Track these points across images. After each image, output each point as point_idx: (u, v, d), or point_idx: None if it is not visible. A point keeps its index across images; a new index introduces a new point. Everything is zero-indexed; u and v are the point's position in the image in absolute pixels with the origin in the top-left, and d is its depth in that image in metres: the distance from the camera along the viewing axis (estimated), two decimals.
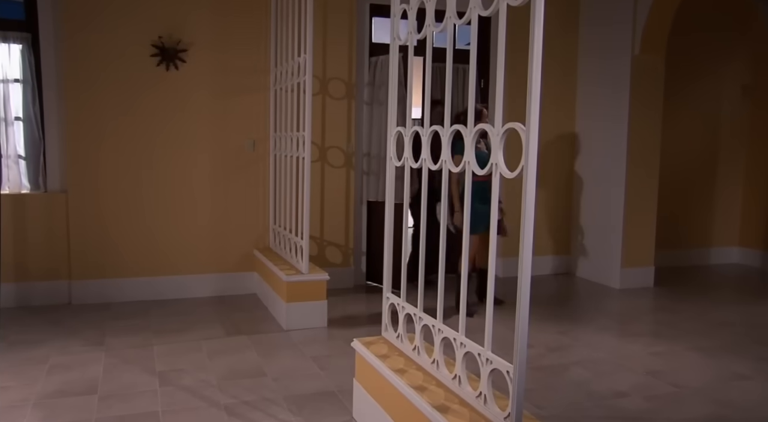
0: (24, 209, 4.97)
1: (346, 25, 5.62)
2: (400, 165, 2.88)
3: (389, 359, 2.81)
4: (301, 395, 3.37)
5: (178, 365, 3.78)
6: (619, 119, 5.94)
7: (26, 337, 4.23)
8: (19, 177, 5.05)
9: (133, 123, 5.12)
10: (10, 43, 4.94)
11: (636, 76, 5.81)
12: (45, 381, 3.51)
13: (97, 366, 3.73)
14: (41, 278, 5.03)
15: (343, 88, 5.65)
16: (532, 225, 2.02)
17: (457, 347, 2.40)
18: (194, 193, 5.34)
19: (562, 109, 6.44)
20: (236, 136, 5.41)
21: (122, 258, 5.19)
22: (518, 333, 2.00)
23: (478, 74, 5.28)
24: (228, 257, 5.49)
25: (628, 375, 3.77)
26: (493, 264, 2.25)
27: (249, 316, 4.86)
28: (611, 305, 5.53)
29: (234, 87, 5.36)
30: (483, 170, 2.20)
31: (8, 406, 3.16)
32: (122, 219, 5.17)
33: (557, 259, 6.61)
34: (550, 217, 6.50)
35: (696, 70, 6.84)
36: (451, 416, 2.23)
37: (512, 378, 2.04)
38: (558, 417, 3.12)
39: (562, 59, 6.35)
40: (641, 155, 5.93)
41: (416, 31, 2.72)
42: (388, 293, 3.04)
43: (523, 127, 1.98)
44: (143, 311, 4.95)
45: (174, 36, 5.13)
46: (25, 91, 5.01)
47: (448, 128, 2.45)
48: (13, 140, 5.01)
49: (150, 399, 3.27)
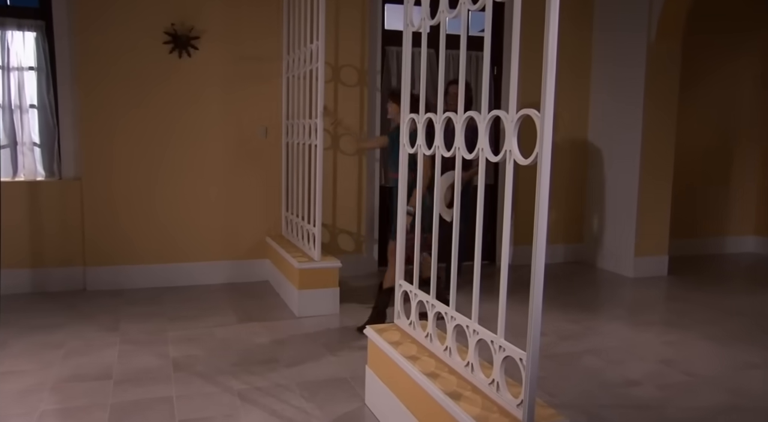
0: (39, 197, 5.01)
1: (359, 11, 5.59)
2: (413, 152, 2.88)
3: (402, 346, 2.82)
4: (314, 381, 3.39)
5: (192, 351, 3.82)
6: (634, 106, 5.88)
7: (42, 322, 4.28)
8: (34, 164, 5.09)
9: (146, 110, 5.14)
10: (25, 31, 4.96)
11: (651, 64, 5.75)
12: (61, 365, 3.55)
13: (112, 351, 3.77)
14: (57, 264, 5.08)
15: (356, 76, 5.64)
16: (546, 213, 2.00)
17: (470, 334, 2.40)
18: (207, 180, 5.36)
19: (575, 95, 6.39)
20: (248, 123, 5.42)
21: (136, 245, 5.23)
22: (531, 320, 2.00)
23: (492, 61, 5.28)
24: (240, 245, 5.52)
25: (640, 364, 3.76)
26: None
27: (261, 303, 4.89)
28: (624, 294, 5.51)
29: (246, 74, 5.36)
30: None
31: (25, 390, 3.21)
32: (136, 206, 5.20)
33: (569, 247, 6.58)
34: (563, 205, 6.46)
35: (713, 58, 6.76)
36: (463, 403, 2.23)
37: (525, 366, 2.04)
38: (570, 405, 3.12)
39: (576, 43, 6.29)
40: (656, 143, 5.88)
41: (429, 17, 2.70)
42: (401, 281, 3.04)
43: (537, 113, 1.97)
44: (157, 297, 4.99)
45: (187, 23, 5.13)
46: (39, 78, 5.03)
47: (461, 114, 2.44)
48: (28, 128, 5.04)
49: (164, 384, 3.31)
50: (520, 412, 2.07)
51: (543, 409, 2.15)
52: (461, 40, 2.45)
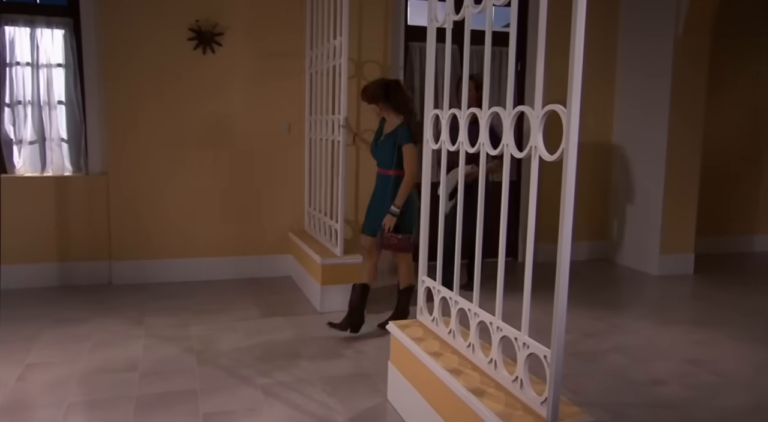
0: (66, 191, 5.08)
1: (382, 7, 5.58)
2: (437, 148, 2.87)
3: (424, 342, 2.82)
4: (336, 376, 3.40)
5: (215, 345, 3.85)
6: (661, 102, 5.79)
7: (70, 315, 4.35)
8: (62, 160, 5.17)
9: (170, 106, 5.19)
10: (53, 29, 5.03)
11: (679, 60, 5.66)
12: (88, 357, 3.60)
13: (137, 344, 3.82)
14: (83, 258, 5.16)
15: (379, 71, 5.63)
16: (572, 209, 1.99)
17: (494, 331, 2.39)
18: (231, 175, 5.40)
19: (600, 89, 6.31)
20: (272, 119, 5.45)
21: (160, 240, 5.29)
22: (556, 317, 1.98)
23: (516, 57, 5.25)
24: (263, 240, 5.55)
25: (666, 363, 3.71)
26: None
27: (284, 298, 4.92)
28: (649, 292, 5.44)
29: (269, 70, 5.38)
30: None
31: (54, 381, 3.26)
32: (161, 201, 5.26)
33: (593, 244, 6.51)
34: (587, 201, 6.40)
35: (741, 52, 6.62)
36: (486, 399, 2.22)
37: (549, 363, 2.02)
38: (594, 403, 3.10)
39: (602, 37, 6.21)
40: (682, 139, 5.78)
41: (454, 12, 2.68)
42: (424, 277, 3.04)
43: (563, 109, 1.95)
44: (181, 291, 5.04)
45: (211, 19, 5.16)
46: (67, 75, 5.11)
47: (486, 110, 2.42)
48: (56, 124, 5.12)
49: (188, 378, 3.34)
50: (545, 410, 2.06)
51: (567, 407, 2.13)
52: (486, 35, 2.43)
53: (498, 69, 6.00)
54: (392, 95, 4.03)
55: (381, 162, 4.12)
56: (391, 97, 4.03)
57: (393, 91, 4.05)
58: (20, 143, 5.08)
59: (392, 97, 4.03)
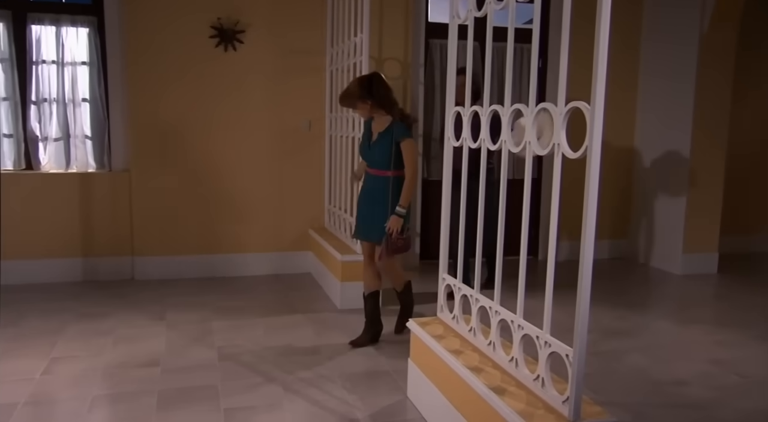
0: (90, 188, 5.15)
1: (402, 4, 5.58)
2: (458, 145, 2.86)
3: (445, 339, 2.81)
4: (356, 373, 3.41)
5: (236, 341, 3.88)
6: (684, 98, 5.72)
7: (93, 310, 4.41)
8: (86, 156, 5.23)
9: (192, 103, 5.23)
10: (78, 27, 5.09)
11: (704, 55, 5.57)
12: (111, 352, 3.65)
13: (159, 340, 3.86)
14: (106, 254, 5.22)
15: (399, 69, 5.63)
16: (596, 207, 1.97)
17: (515, 329, 2.37)
18: (251, 172, 5.43)
19: (623, 85, 6.23)
20: (292, 116, 5.47)
21: (182, 236, 5.34)
22: (579, 315, 1.97)
23: (543, 52, 5.22)
24: (284, 237, 5.58)
25: (689, 363, 3.67)
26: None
27: (304, 295, 4.94)
28: (672, 292, 5.38)
29: (290, 67, 5.40)
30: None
31: (78, 375, 3.31)
32: (182, 197, 5.30)
33: (614, 243, 6.45)
34: (608, 199, 6.34)
35: (766, 49, 6.51)
36: (507, 398, 2.21)
37: (572, 362, 2.01)
38: (615, 403, 3.07)
39: (625, 33, 6.13)
40: (707, 136, 5.70)
41: (476, 9, 2.67)
42: (444, 274, 3.03)
43: (587, 106, 1.93)
44: (202, 287, 5.08)
45: (232, 17, 5.19)
46: (91, 73, 5.17)
47: (508, 107, 2.41)
48: (81, 121, 5.19)
49: (209, 373, 3.37)
50: (566, 409, 2.05)
51: (589, 406, 2.12)
52: (509, 32, 2.42)
53: (519, 66, 5.97)
54: (376, 90, 3.65)
55: (375, 163, 3.76)
56: (375, 92, 3.65)
57: (376, 86, 3.67)
58: (45, 140, 5.15)
59: (376, 93, 3.65)
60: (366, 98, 3.64)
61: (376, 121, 3.77)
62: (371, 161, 3.79)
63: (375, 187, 3.77)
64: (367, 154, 3.82)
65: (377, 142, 3.73)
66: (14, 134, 5.09)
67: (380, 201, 3.72)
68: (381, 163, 3.73)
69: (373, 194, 3.79)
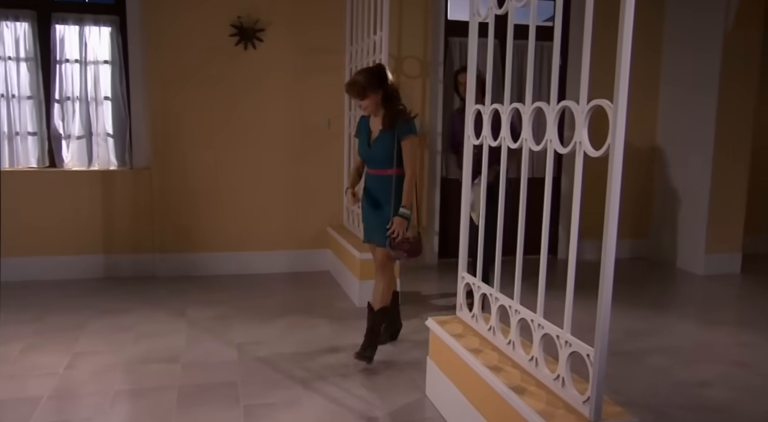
0: (112, 185, 5.21)
1: (422, 2, 5.57)
2: (478, 144, 2.84)
3: (464, 338, 2.80)
4: (375, 371, 3.41)
5: (255, 338, 3.90)
6: (708, 97, 5.63)
7: (115, 306, 4.46)
8: (107, 154, 5.29)
9: (212, 101, 5.26)
10: (101, 26, 5.15)
11: (728, 53, 5.49)
12: (132, 347, 3.69)
13: (180, 336, 3.90)
14: (128, 250, 5.28)
15: (418, 67, 5.62)
16: (618, 207, 1.96)
17: (535, 328, 2.36)
18: (271, 170, 5.46)
19: (644, 81, 6.16)
20: (311, 114, 5.48)
21: (202, 233, 5.38)
22: (600, 314, 1.95)
23: (563, 50, 5.18)
24: (302, 234, 5.60)
25: (711, 365, 3.62)
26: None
27: (323, 292, 4.95)
28: (694, 292, 5.31)
29: (310, 65, 5.41)
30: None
31: (101, 370, 3.35)
32: (203, 195, 5.34)
33: (635, 242, 6.39)
34: (629, 198, 6.27)
35: None
36: (527, 397, 2.20)
37: (593, 362, 1.99)
38: (636, 403, 3.04)
39: (647, 26, 6.05)
40: (730, 133, 5.62)
41: (497, 6, 2.65)
42: (464, 273, 3.02)
43: (610, 104, 1.91)
44: (222, 284, 5.12)
45: (252, 16, 5.22)
46: (113, 72, 5.22)
47: (529, 105, 2.39)
48: (103, 119, 5.25)
49: (229, 370, 3.40)
50: (587, 409, 2.03)
51: (610, 406, 2.10)
52: (530, 30, 2.40)
53: (539, 64, 5.92)
54: (385, 83, 3.45)
55: (376, 162, 3.55)
56: (385, 84, 3.44)
57: (386, 78, 3.46)
58: (68, 138, 5.22)
59: (385, 85, 3.45)
60: (378, 89, 3.42)
61: (377, 117, 3.53)
62: (371, 161, 3.59)
63: (377, 187, 3.58)
64: (367, 153, 3.60)
65: (378, 139, 3.52)
66: (38, 132, 5.16)
67: (384, 202, 3.54)
68: (382, 161, 3.51)
69: (375, 195, 3.59)
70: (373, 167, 3.59)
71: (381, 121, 3.49)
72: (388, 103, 3.47)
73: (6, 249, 5.00)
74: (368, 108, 3.48)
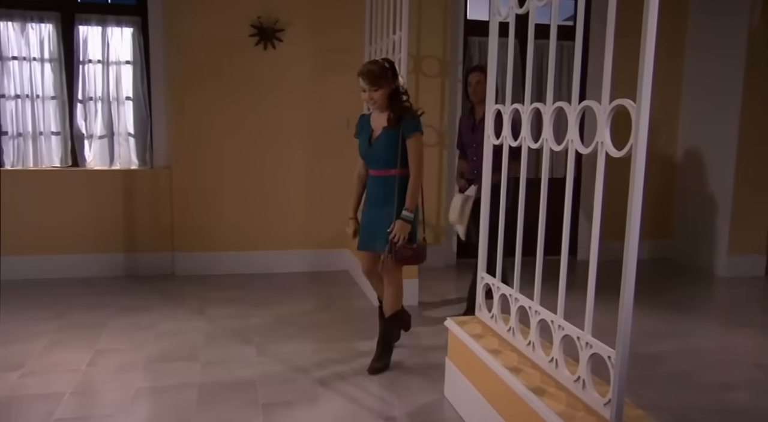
0: (133, 184, 5.26)
1: (441, 1, 5.55)
2: (498, 143, 2.83)
3: (483, 339, 2.79)
4: (393, 371, 3.40)
5: (274, 336, 3.92)
6: (732, 96, 5.56)
7: (135, 304, 4.51)
8: (128, 154, 5.35)
9: (231, 101, 5.30)
10: (123, 27, 5.21)
11: (752, 51, 5.41)
12: (152, 345, 3.73)
13: (199, 334, 3.93)
14: (147, 249, 5.33)
15: (437, 67, 5.60)
16: (640, 207, 1.94)
17: (555, 329, 2.34)
18: (290, 170, 5.48)
19: (666, 81, 6.08)
20: (330, 114, 5.49)
21: (221, 232, 5.41)
22: (622, 316, 1.93)
23: (584, 49, 5.13)
24: (321, 234, 5.61)
25: (734, 368, 3.57)
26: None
27: (341, 292, 4.96)
28: (716, 294, 5.25)
29: (329, 65, 5.42)
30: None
31: (121, 367, 3.39)
32: (222, 195, 5.38)
33: (656, 243, 6.31)
34: (650, 198, 6.21)
35: None
36: (547, 399, 2.19)
37: (614, 364, 1.97)
38: (657, 406, 3.01)
39: (670, 25, 5.97)
40: (754, 133, 5.53)
41: (518, 6, 2.64)
42: (483, 273, 3.01)
43: (632, 103, 1.90)
44: (240, 283, 5.15)
45: (272, 16, 5.24)
46: (134, 72, 5.28)
47: (550, 105, 2.38)
48: (124, 119, 5.30)
49: (248, 368, 3.41)
50: (608, 411, 2.01)
51: (632, 409, 2.08)
52: (551, 29, 2.39)
53: (559, 63, 5.88)
54: (396, 78, 3.32)
55: (379, 162, 3.36)
56: (396, 79, 3.31)
57: (396, 73, 3.33)
58: (91, 138, 5.28)
59: (396, 80, 3.31)
60: (391, 82, 3.27)
61: (381, 113, 3.34)
62: (373, 161, 3.40)
63: (378, 189, 3.39)
64: (368, 152, 3.41)
65: (381, 138, 3.32)
66: (61, 131, 5.23)
67: (387, 203, 3.33)
68: (385, 161, 3.33)
69: (377, 197, 3.39)
70: (375, 167, 3.40)
71: (386, 117, 3.31)
72: (396, 100, 3.31)
73: (29, 247, 5.08)
74: (378, 101, 3.28)
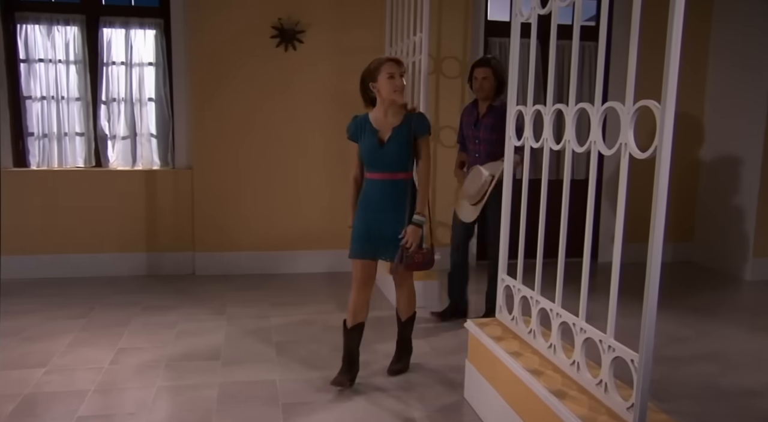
0: (154, 184, 5.32)
1: (462, 2, 5.54)
2: (519, 145, 2.82)
3: (504, 341, 2.78)
4: (412, 373, 3.40)
5: (294, 336, 3.93)
6: (757, 94, 5.47)
7: (157, 304, 4.55)
8: (150, 154, 5.40)
9: (252, 102, 5.33)
10: (146, 29, 5.27)
11: None
12: (174, 344, 3.76)
13: (220, 334, 3.95)
14: (169, 249, 5.38)
15: (458, 68, 5.59)
16: (665, 210, 1.92)
17: (577, 332, 2.32)
18: (309, 170, 5.50)
19: (689, 82, 5.99)
20: (350, 115, 5.42)
21: (242, 232, 5.45)
22: (645, 319, 1.91)
23: (606, 50, 5.07)
24: (341, 235, 5.58)
25: (760, 374, 3.51)
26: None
27: None
28: (741, 298, 5.16)
29: (349, 66, 5.40)
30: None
31: (144, 366, 3.42)
32: (242, 195, 5.41)
33: (678, 246, 6.24)
34: (673, 200, 6.12)
35: None
36: (569, 402, 2.17)
37: (637, 367, 1.95)
38: (681, 411, 2.97)
39: (693, 26, 5.89)
40: None
41: (540, 6, 2.62)
42: (503, 275, 2.99)
43: (657, 104, 1.87)
44: (261, 283, 5.18)
45: (293, 18, 5.26)
46: (157, 73, 5.34)
47: (572, 106, 2.36)
48: (146, 120, 5.36)
49: (268, 368, 3.43)
50: (630, 415, 1.99)
51: (655, 414, 2.06)
52: (574, 29, 2.37)
53: (581, 63, 5.83)
54: None
55: (389, 165, 3.15)
56: None
57: None
58: (114, 139, 5.34)
59: None
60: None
61: (386, 114, 3.18)
62: (381, 164, 3.16)
63: (386, 193, 3.18)
64: (377, 155, 3.16)
65: (393, 138, 3.12)
66: (85, 132, 5.31)
67: (395, 209, 3.16)
68: (397, 164, 3.13)
69: (382, 202, 3.18)
70: (383, 170, 3.17)
71: (402, 116, 3.15)
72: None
73: (54, 247, 5.16)
74: (401, 92, 3.11)
